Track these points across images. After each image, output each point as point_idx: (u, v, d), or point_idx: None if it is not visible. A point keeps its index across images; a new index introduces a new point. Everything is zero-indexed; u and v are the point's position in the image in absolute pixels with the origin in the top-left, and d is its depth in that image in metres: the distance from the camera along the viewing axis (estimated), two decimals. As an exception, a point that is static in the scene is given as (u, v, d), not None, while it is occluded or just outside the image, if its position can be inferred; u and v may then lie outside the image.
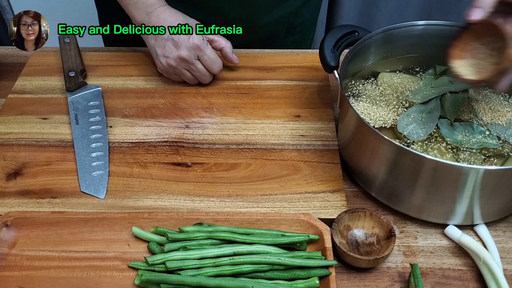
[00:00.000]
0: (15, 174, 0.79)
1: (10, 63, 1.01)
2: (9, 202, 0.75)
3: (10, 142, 0.84)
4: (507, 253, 0.70)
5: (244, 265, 0.64)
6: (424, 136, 0.73)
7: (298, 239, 0.67)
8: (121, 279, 0.66)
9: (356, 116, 0.70)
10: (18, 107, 0.90)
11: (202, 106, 0.90)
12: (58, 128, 0.86)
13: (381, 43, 0.83)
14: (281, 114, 0.88)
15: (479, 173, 0.63)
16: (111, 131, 0.86)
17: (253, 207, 0.74)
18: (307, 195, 0.75)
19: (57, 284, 0.66)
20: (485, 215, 0.71)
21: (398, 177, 0.70)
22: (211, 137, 0.84)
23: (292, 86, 0.94)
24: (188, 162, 0.81)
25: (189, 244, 0.67)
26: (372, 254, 0.68)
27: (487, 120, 0.75)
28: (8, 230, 0.70)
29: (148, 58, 1.00)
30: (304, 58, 0.99)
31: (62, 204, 0.74)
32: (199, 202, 0.75)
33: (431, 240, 0.72)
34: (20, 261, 0.68)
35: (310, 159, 0.81)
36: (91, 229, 0.70)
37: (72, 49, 0.97)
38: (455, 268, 0.69)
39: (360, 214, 0.70)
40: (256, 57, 1.00)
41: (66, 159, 0.81)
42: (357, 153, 0.76)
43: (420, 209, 0.72)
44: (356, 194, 0.78)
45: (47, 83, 0.95)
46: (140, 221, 0.70)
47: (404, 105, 0.78)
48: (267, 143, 0.83)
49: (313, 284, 0.64)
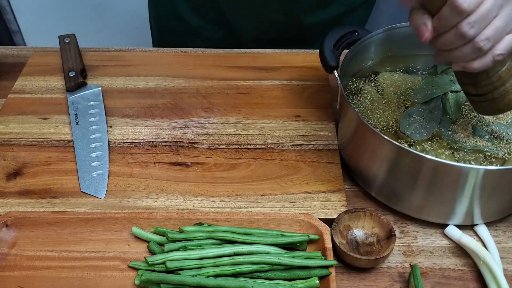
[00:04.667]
0: (15, 174, 0.79)
1: (10, 63, 1.01)
2: (9, 202, 0.75)
3: (10, 142, 0.84)
4: (507, 253, 0.70)
5: (244, 265, 0.64)
6: (427, 135, 0.73)
7: (298, 239, 0.67)
8: (121, 279, 0.66)
9: (356, 116, 0.70)
10: (18, 107, 0.90)
11: (202, 106, 0.90)
12: (58, 128, 0.86)
13: (381, 43, 0.83)
14: (281, 114, 0.88)
15: (479, 173, 0.63)
16: (111, 131, 0.86)
17: (253, 207, 0.74)
18: (307, 195, 0.75)
19: (57, 284, 0.66)
20: (485, 215, 0.71)
21: (398, 177, 0.70)
22: (211, 137, 0.84)
23: (292, 86, 0.94)
24: (188, 162, 0.81)
25: (189, 244, 0.67)
26: (372, 254, 0.68)
27: (489, 119, 0.75)
28: (8, 230, 0.70)
29: (148, 58, 1.00)
30: (304, 58, 0.99)
31: (62, 204, 0.74)
32: (199, 202, 0.75)
33: (431, 240, 0.72)
34: (20, 261, 0.68)
35: (310, 159, 0.81)
36: (91, 229, 0.70)
37: (72, 49, 0.97)
38: (455, 268, 0.69)
39: (360, 214, 0.70)
40: (256, 57, 1.00)
41: (66, 159, 0.81)
42: (357, 153, 0.76)
43: (420, 209, 0.72)
44: (356, 194, 0.78)
45: (47, 83, 0.95)
46: (140, 221, 0.70)
47: (405, 105, 0.79)
48: (267, 143, 0.83)
49: (313, 284, 0.64)
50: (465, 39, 0.56)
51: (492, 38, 0.56)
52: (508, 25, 0.56)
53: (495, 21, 0.56)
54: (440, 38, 0.58)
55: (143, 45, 1.13)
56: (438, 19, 0.57)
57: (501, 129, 0.74)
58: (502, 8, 0.55)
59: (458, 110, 0.76)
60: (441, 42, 0.59)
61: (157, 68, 0.98)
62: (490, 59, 0.58)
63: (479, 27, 0.55)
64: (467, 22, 0.55)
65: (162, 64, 0.98)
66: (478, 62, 0.58)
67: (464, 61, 0.59)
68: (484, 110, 0.67)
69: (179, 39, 1.09)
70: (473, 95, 0.66)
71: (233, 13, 1.03)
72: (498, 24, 0.56)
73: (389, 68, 0.85)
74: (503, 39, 0.57)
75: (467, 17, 0.54)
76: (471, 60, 0.58)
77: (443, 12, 0.55)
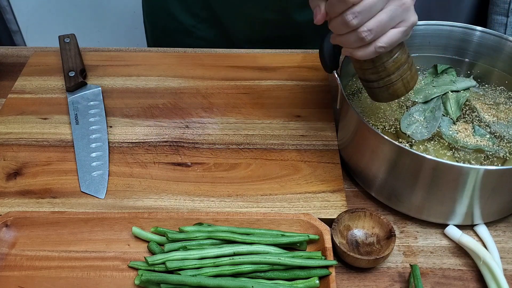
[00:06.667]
0: (15, 174, 0.79)
1: (10, 63, 1.01)
2: (9, 202, 0.75)
3: (10, 142, 0.84)
4: (507, 253, 0.70)
5: (244, 265, 0.64)
6: (428, 135, 0.73)
7: (298, 239, 0.67)
8: (121, 279, 0.66)
9: (356, 116, 0.70)
10: (18, 107, 0.90)
11: (202, 106, 0.90)
12: (58, 128, 0.86)
13: (381, 43, 0.83)
14: (281, 114, 0.88)
15: (479, 173, 0.63)
16: (111, 131, 0.86)
17: (253, 207, 0.74)
18: (307, 195, 0.75)
19: (57, 284, 0.66)
20: (485, 215, 0.71)
21: (398, 177, 0.70)
22: (211, 137, 0.84)
23: (292, 86, 0.94)
24: (188, 162, 0.81)
25: (189, 244, 0.67)
26: (372, 254, 0.68)
27: (489, 119, 0.75)
28: (8, 230, 0.70)
29: (148, 58, 1.00)
30: (304, 58, 0.99)
31: (62, 204, 0.74)
32: (199, 202, 0.75)
33: (431, 240, 0.72)
34: (20, 261, 0.68)
35: (310, 159, 0.81)
36: (91, 229, 0.70)
37: (72, 49, 0.97)
38: (455, 268, 0.69)
39: (360, 214, 0.70)
40: (256, 57, 1.00)
41: (66, 159, 0.81)
42: (357, 153, 0.76)
43: (420, 209, 0.72)
44: (356, 194, 0.78)
45: (47, 83, 0.95)
46: (140, 221, 0.70)
47: (406, 105, 0.79)
48: (267, 143, 0.83)
49: (313, 284, 0.64)
50: (349, 28, 0.59)
51: (374, 30, 0.59)
52: (393, 20, 0.59)
53: (380, 14, 0.58)
54: (331, 22, 0.61)
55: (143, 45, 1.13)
56: (329, 5, 0.59)
57: (501, 129, 0.74)
58: (389, 2, 0.58)
59: (458, 109, 0.76)
60: (332, 26, 0.62)
61: (157, 68, 0.98)
62: (372, 50, 0.61)
63: (362, 18, 0.58)
64: (351, 12, 0.57)
65: (162, 64, 0.98)
66: (362, 51, 0.61)
67: (350, 48, 0.62)
68: (373, 96, 0.71)
69: (172, 38, 1.09)
70: (363, 80, 0.69)
71: (225, 12, 1.03)
72: (382, 17, 0.58)
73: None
74: (387, 33, 0.60)
75: (352, 7, 0.57)
76: (356, 48, 0.61)
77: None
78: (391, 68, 0.65)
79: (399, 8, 0.59)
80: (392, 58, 0.64)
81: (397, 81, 0.66)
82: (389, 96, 0.68)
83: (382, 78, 0.66)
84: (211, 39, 1.08)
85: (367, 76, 0.67)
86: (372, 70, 0.66)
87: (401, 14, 0.59)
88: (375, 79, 0.67)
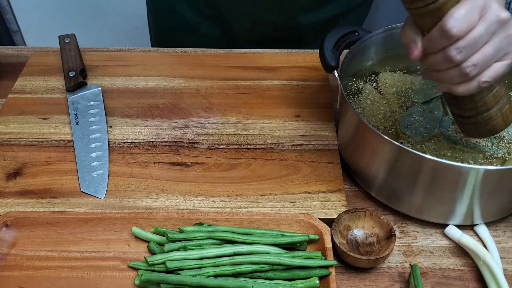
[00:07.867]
0: (15, 174, 0.79)
1: (10, 63, 1.01)
2: (9, 202, 0.75)
3: (10, 142, 0.84)
4: (507, 253, 0.70)
5: (244, 265, 0.64)
6: (428, 135, 0.73)
7: (298, 239, 0.67)
8: (121, 279, 0.66)
9: (356, 116, 0.70)
10: (18, 107, 0.90)
11: (202, 106, 0.90)
12: (58, 128, 0.86)
13: (381, 43, 0.83)
14: (281, 114, 0.88)
15: (479, 173, 0.63)
16: (111, 131, 0.86)
17: (253, 207, 0.74)
18: (307, 195, 0.75)
19: (57, 284, 0.66)
20: (485, 215, 0.71)
21: (398, 177, 0.70)
22: (211, 137, 0.84)
23: (292, 86, 0.94)
24: (188, 162, 0.81)
25: (189, 244, 0.67)
26: (372, 254, 0.68)
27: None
28: (8, 230, 0.70)
29: (148, 58, 1.00)
30: (304, 58, 0.99)
31: (62, 204, 0.74)
32: (199, 202, 0.75)
33: (431, 240, 0.72)
34: (20, 261, 0.68)
35: (310, 159, 0.81)
36: (91, 229, 0.70)
37: (72, 49, 0.97)
38: (455, 268, 0.69)
39: (360, 214, 0.70)
40: (256, 57, 1.00)
41: (66, 159, 0.81)
42: (357, 153, 0.76)
43: (420, 209, 0.72)
44: (356, 194, 0.78)
45: (47, 83, 0.95)
46: (140, 221, 0.70)
47: (405, 105, 0.79)
48: (267, 143, 0.83)
49: (313, 284, 0.64)
50: (452, 63, 0.55)
51: (479, 65, 0.55)
52: (498, 53, 0.55)
53: (485, 48, 0.55)
54: (428, 58, 0.58)
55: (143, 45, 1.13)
56: (428, 40, 0.56)
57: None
58: (494, 35, 0.54)
59: (458, 110, 0.76)
60: (429, 62, 0.58)
61: (157, 68, 0.98)
62: (475, 85, 0.57)
63: (467, 53, 0.54)
64: (455, 47, 0.54)
65: (162, 64, 0.98)
66: (463, 87, 0.58)
67: (450, 83, 0.59)
68: (468, 132, 0.67)
69: (177, 36, 1.09)
70: (458, 116, 0.66)
71: (228, 11, 1.03)
72: (488, 51, 0.55)
73: (389, 68, 0.85)
74: (491, 67, 0.56)
75: (456, 41, 0.53)
76: (456, 83, 0.58)
77: (433, 34, 0.55)
78: (491, 102, 0.61)
79: (505, 40, 0.55)
80: (492, 92, 0.60)
81: (497, 116, 0.62)
82: (487, 132, 0.64)
83: (480, 113, 0.62)
84: (214, 37, 1.08)
85: (463, 112, 0.64)
86: (470, 106, 0.62)
87: (507, 47, 0.56)
88: (472, 115, 0.63)
